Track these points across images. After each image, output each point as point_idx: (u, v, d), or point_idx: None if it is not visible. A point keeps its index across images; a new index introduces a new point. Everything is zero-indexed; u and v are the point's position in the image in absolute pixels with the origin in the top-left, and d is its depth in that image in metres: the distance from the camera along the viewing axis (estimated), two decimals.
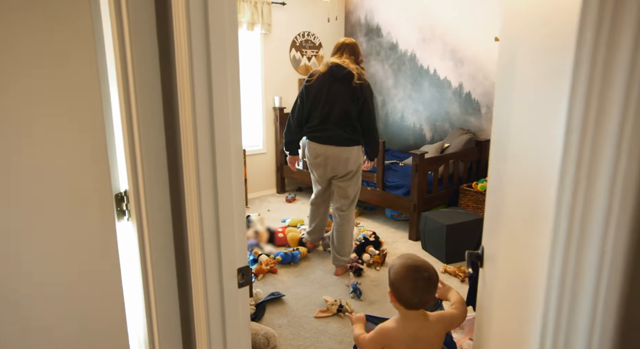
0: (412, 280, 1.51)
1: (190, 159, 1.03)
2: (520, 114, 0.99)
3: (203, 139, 1.02)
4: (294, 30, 5.22)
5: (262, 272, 3.28)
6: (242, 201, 1.12)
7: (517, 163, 1.02)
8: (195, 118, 1.00)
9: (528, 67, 0.95)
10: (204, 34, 0.97)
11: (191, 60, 0.97)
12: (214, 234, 1.08)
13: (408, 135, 5.18)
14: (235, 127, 1.07)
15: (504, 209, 1.13)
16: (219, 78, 1.00)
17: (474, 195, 3.97)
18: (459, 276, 3.20)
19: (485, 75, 4.29)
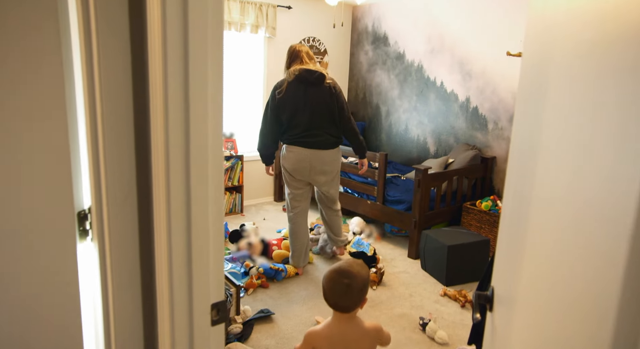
0: (332, 281, 1.67)
1: (160, 174, 0.88)
2: (562, 138, 0.83)
3: (176, 154, 0.87)
4: (299, 35, 5.10)
5: (252, 286, 3.12)
6: (220, 228, 0.97)
7: (559, 194, 0.86)
8: (167, 129, 0.85)
9: (580, 87, 0.79)
10: (182, 33, 0.82)
11: (165, 61, 0.83)
12: (185, 265, 0.93)
13: (411, 148, 5.03)
14: (216, 141, 0.92)
15: (528, 245, 0.98)
16: (197, 84, 0.86)
17: (477, 214, 3.81)
18: (459, 301, 3.03)
19: (494, 90, 4.15)
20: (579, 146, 0.76)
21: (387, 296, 3.13)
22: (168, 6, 0.80)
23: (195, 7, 0.82)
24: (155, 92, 0.85)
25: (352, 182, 4.26)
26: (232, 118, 4.86)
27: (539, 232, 0.91)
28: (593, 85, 0.70)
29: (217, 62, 0.87)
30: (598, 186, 0.66)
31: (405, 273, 3.51)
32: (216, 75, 0.87)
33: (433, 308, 2.97)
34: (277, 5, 4.74)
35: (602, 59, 0.69)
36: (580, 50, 0.76)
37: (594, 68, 0.70)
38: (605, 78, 0.67)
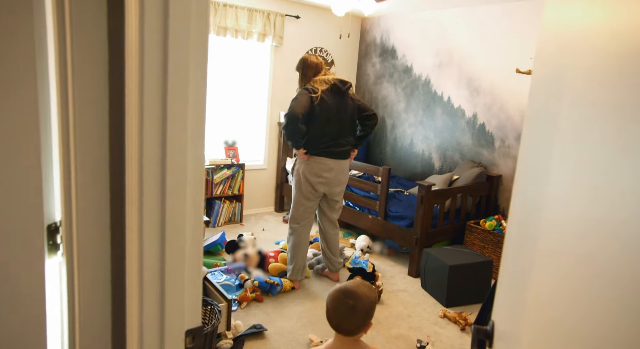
0: (336, 301, 1.59)
1: (134, 190, 0.81)
2: (579, 161, 0.75)
3: (151, 170, 0.80)
4: (306, 45, 5.06)
5: (246, 300, 3.03)
6: (199, 250, 0.89)
7: (576, 223, 0.78)
8: (142, 144, 0.78)
9: (597, 106, 0.71)
10: (161, 37, 0.76)
11: (142, 69, 0.76)
12: (157, 287, 0.85)
13: (416, 163, 4.95)
14: (196, 156, 0.85)
15: (536, 276, 0.89)
16: (177, 94, 0.79)
17: (481, 233, 3.71)
18: (459, 324, 2.92)
19: (502, 107, 4.07)
20: (598, 170, 0.68)
21: (385, 315, 3.03)
22: (147, 9, 0.73)
23: (176, 11, 0.75)
24: (130, 101, 0.78)
25: (354, 196, 4.17)
26: (236, 126, 4.81)
27: (548, 263, 0.82)
28: (611, 104, 0.62)
29: (200, 71, 0.80)
30: (624, 214, 0.58)
31: (404, 291, 3.40)
32: (198, 85, 0.80)
33: (432, 330, 2.87)
34: (285, 14, 4.70)
35: (619, 78, 0.61)
36: (596, 70, 0.69)
37: (611, 87, 0.62)
38: (623, 98, 0.59)
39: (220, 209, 4.51)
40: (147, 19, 0.74)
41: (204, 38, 0.81)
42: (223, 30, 4.31)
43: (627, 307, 0.57)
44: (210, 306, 2.00)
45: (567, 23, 0.83)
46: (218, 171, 4.42)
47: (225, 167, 4.48)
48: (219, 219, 4.54)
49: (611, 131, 0.63)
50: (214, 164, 4.42)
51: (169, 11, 0.75)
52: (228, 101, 4.69)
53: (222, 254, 3.81)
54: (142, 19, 0.74)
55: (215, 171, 4.41)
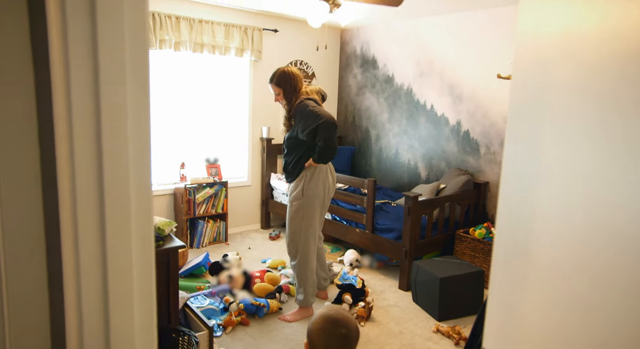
0: (327, 334, 1.42)
1: (68, 229, 0.71)
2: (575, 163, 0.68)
3: (86, 196, 0.70)
4: (285, 59, 5.00)
5: (231, 324, 2.90)
6: (150, 287, 0.79)
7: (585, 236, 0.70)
8: (74, 177, 0.69)
9: (584, 106, 0.64)
10: (90, 47, 0.66)
11: (69, 84, 0.66)
12: (101, 342, 0.75)
13: (402, 173, 4.88)
14: (141, 172, 0.75)
15: (531, 295, 0.80)
16: (114, 122, 0.69)
17: (470, 242, 3.63)
18: (453, 338, 2.82)
19: (485, 114, 4.04)
20: (587, 174, 0.60)
21: (376, 333, 2.92)
22: (70, 17, 0.64)
23: (107, 18, 0.66)
24: (59, 127, 0.68)
25: (341, 210, 4.08)
26: (217, 143, 4.71)
27: (542, 278, 0.73)
28: (597, 104, 0.55)
29: (141, 92, 0.71)
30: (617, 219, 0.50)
31: (395, 306, 3.30)
32: (140, 107, 0.71)
33: (425, 347, 2.76)
34: (262, 28, 4.65)
35: (603, 80, 0.54)
36: (578, 72, 0.61)
37: (598, 86, 0.55)
38: (608, 97, 0.52)
39: (203, 229, 4.38)
40: (71, 31, 0.65)
41: (143, 49, 0.72)
42: (200, 46, 4.23)
43: (627, 318, 0.49)
44: (187, 337, 1.88)
45: (545, 28, 0.76)
46: (200, 190, 4.31)
47: (207, 185, 4.37)
48: (203, 239, 4.40)
49: (597, 132, 0.55)
50: (196, 182, 4.31)
51: (97, 18, 0.66)
52: (208, 118, 4.60)
53: (206, 276, 3.68)
54: (66, 34, 0.65)
55: (198, 190, 4.29)
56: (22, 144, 0.76)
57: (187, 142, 4.49)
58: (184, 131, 4.44)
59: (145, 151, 0.75)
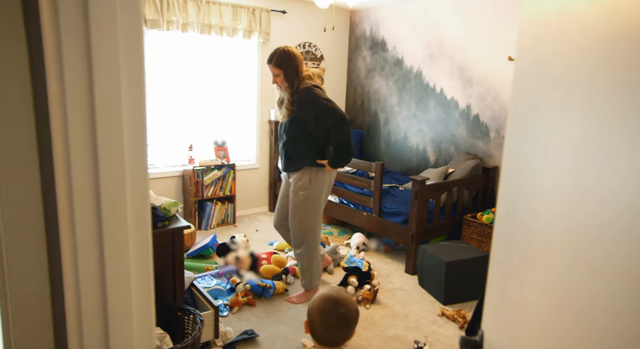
0: (325, 313, 1.44)
1: (64, 210, 0.72)
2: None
3: (82, 182, 0.70)
4: (294, 40, 4.95)
5: (238, 304, 2.94)
6: (147, 261, 0.79)
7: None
8: (70, 158, 0.69)
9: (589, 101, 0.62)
10: (83, 34, 0.66)
11: (61, 67, 0.66)
12: (99, 311, 0.76)
13: (410, 157, 4.85)
14: (137, 158, 0.75)
15: (531, 278, 0.80)
16: (106, 95, 0.69)
17: (478, 227, 3.61)
18: (458, 322, 2.83)
19: (495, 97, 3.97)
20: (588, 159, 0.59)
21: (381, 315, 2.94)
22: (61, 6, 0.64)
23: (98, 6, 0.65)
24: (54, 116, 0.68)
25: (348, 193, 4.08)
26: (225, 126, 4.71)
27: (541, 260, 0.72)
28: (599, 87, 0.53)
29: (135, 83, 0.70)
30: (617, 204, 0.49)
31: (401, 289, 3.31)
32: (133, 80, 0.71)
33: (430, 330, 2.78)
34: (271, 9, 4.59)
35: (607, 61, 0.52)
36: (581, 54, 0.59)
37: (604, 64, 0.53)
38: (612, 79, 0.50)
39: (212, 211, 4.42)
40: (62, 16, 0.64)
41: (137, 34, 0.71)
42: (207, 28, 4.20)
43: (626, 306, 0.48)
44: (192, 315, 1.91)
45: (543, 6, 0.74)
46: (208, 172, 4.33)
47: (215, 168, 4.38)
48: (211, 221, 4.44)
49: (601, 113, 0.53)
50: (204, 165, 4.32)
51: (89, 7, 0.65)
52: (216, 101, 4.59)
53: (214, 257, 3.72)
54: (57, 16, 0.64)
55: (206, 172, 4.31)
56: (20, 123, 0.76)
57: (195, 124, 4.49)
58: (192, 113, 4.44)
59: (141, 131, 0.75)
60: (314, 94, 2.67)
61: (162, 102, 4.25)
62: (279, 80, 2.75)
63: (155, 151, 4.30)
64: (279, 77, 2.74)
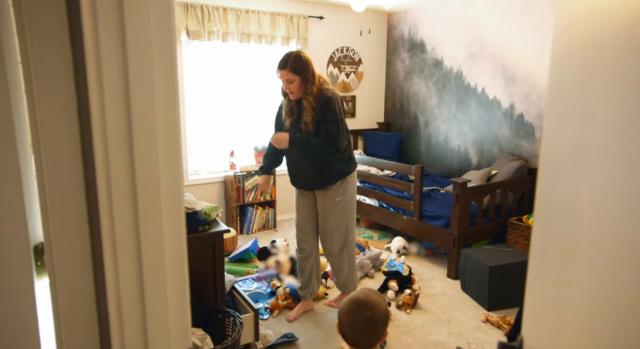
0: (351, 314, 1.47)
1: (105, 210, 0.76)
2: None
3: (118, 181, 0.74)
4: (331, 45, 4.98)
5: (278, 308, 2.97)
6: (182, 268, 0.82)
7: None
8: (108, 156, 0.73)
9: None
10: (119, 41, 0.70)
11: (100, 77, 0.70)
12: (137, 309, 0.80)
13: (452, 159, 4.75)
14: (171, 161, 0.78)
15: (577, 281, 0.76)
16: (141, 100, 0.73)
17: (524, 230, 3.48)
18: (504, 329, 2.74)
19: (541, 95, 3.83)
20: None
21: (422, 321, 2.88)
22: (100, 13, 0.68)
23: (133, 16, 0.69)
24: (95, 120, 0.72)
25: (388, 196, 4.04)
26: (265, 132, 4.79)
27: (590, 263, 0.69)
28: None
29: (165, 71, 0.73)
30: None
31: (443, 294, 3.24)
32: (168, 101, 0.74)
33: (473, 336, 2.70)
34: (308, 16, 4.64)
35: None
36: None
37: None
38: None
39: (253, 216, 4.50)
40: (101, 24, 0.68)
41: (169, 41, 0.74)
42: (246, 36, 4.30)
43: None
44: (232, 318, 1.95)
45: None
46: (249, 177, 4.41)
47: (256, 173, 4.46)
48: (252, 225, 4.52)
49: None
50: (245, 170, 4.41)
51: (125, 16, 0.69)
52: (256, 107, 4.68)
53: (255, 261, 3.78)
54: (97, 26, 0.68)
55: (247, 178, 4.39)
56: (66, 133, 0.81)
57: (236, 131, 4.59)
58: (233, 120, 4.55)
59: (174, 137, 0.78)
60: (336, 108, 2.53)
61: (204, 110, 4.38)
62: (295, 86, 2.52)
63: (198, 158, 4.43)
64: (294, 83, 2.52)
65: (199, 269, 2.04)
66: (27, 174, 0.92)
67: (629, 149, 0.57)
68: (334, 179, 2.70)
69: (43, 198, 0.84)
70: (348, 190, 2.78)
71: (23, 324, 0.96)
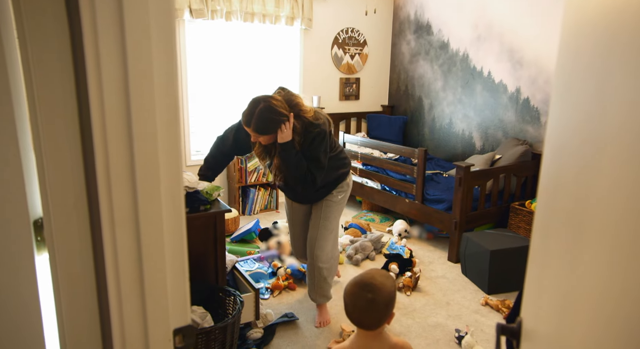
0: (353, 296, 1.49)
1: (103, 183, 0.75)
2: None
3: (116, 148, 0.73)
4: (336, 26, 4.90)
5: (279, 288, 3.00)
6: (180, 246, 0.82)
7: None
8: (105, 131, 0.72)
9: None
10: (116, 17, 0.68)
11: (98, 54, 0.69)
12: (136, 286, 0.80)
13: (456, 143, 4.72)
14: (169, 136, 0.77)
15: (579, 262, 0.76)
16: (140, 82, 0.71)
17: (526, 215, 3.48)
18: (503, 312, 2.76)
19: (548, 79, 3.77)
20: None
21: (422, 303, 2.90)
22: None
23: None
24: (94, 100, 0.71)
25: (390, 180, 4.03)
26: None
27: (594, 247, 0.68)
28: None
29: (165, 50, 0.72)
30: None
31: (443, 277, 3.26)
32: (165, 67, 0.72)
33: (472, 319, 2.72)
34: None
35: None
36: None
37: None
38: None
39: (255, 197, 4.50)
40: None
41: (168, 19, 0.72)
42: (250, 16, 4.24)
43: None
44: (232, 297, 1.96)
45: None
46: (251, 158, 4.40)
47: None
48: (254, 206, 4.53)
49: None
50: None
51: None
52: (259, 88, 4.64)
53: (256, 241, 3.80)
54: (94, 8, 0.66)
55: (249, 159, 4.38)
56: (65, 112, 0.80)
57: (239, 111, 4.56)
58: (236, 100, 4.52)
59: (174, 114, 0.77)
60: (324, 143, 2.30)
61: (207, 91, 4.35)
62: (265, 139, 2.27)
63: (200, 138, 4.42)
64: (264, 138, 2.26)
65: (200, 249, 2.05)
66: (25, 149, 0.91)
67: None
68: (335, 185, 2.56)
69: (41, 173, 0.83)
70: (348, 187, 2.63)
71: (24, 299, 0.96)
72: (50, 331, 1.00)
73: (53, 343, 1.00)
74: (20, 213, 0.92)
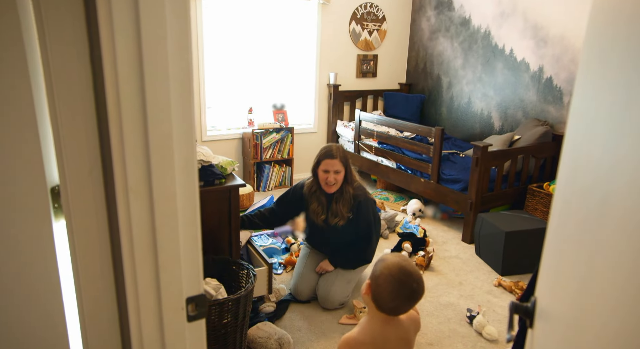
0: (398, 283, 1.35)
1: (117, 151, 0.75)
2: None
3: (130, 125, 0.73)
4: (355, 1, 4.79)
5: (292, 263, 3.02)
6: (194, 214, 0.82)
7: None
8: (120, 106, 0.71)
9: None
10: None
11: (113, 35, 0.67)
12: (149, 255, 0.80)
13: (474, 122, 4.63)
14: (183, 112, 0.76)
15: (598, 244, 0.74)
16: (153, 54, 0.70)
17: (544, 197, 3.42)
18: (516, 293, 2.74)
19: (573, 58, 3.65)
20: None
21: (435, 282, 2.91)
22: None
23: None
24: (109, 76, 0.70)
25: (405, 158, 3.99)
26: (284, 89, 4.73)
27: (612, 229, 0.66)
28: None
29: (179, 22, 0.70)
30: None
31: (457, 258, 3.25)
32: (181, 51, 0.71)
33: (484, 299, 2.72)
34: None
35: None
36: None
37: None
38: None
39: (270, 173, 4.52)
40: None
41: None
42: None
43: None
44: (246, 270, 1.99)
45: None
46: (267, 135, 4.40)
47: (274, 131, 4.44)
48: (269, 183, 4.55)
49: None
50: (263, 128, 4.39)
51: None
52: (275, 64, 4.60)
53: None
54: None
55: (264, 135, 4.38)
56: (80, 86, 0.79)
57: (255, 87, 4.54)
58: (252, 76, 4.50)
59: (187, 84, 0.76)
60: (370, 210, 2.55)
61: (223, 66, 4.33)
62: (340, 177, 2.49)
63: (216, 114, 4.42)
64: (340, 174, 2.49)
65: (214, 222, 2.07)
66: (42, 118, 0.91)
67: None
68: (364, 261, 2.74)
69: (57, 141, 0.84)
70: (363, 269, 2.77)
71: (44, 265, 0.98)
72: (68, 296, 1.02)
73: (71, 306, 1.02)
74: (38, 180, 0.93)
